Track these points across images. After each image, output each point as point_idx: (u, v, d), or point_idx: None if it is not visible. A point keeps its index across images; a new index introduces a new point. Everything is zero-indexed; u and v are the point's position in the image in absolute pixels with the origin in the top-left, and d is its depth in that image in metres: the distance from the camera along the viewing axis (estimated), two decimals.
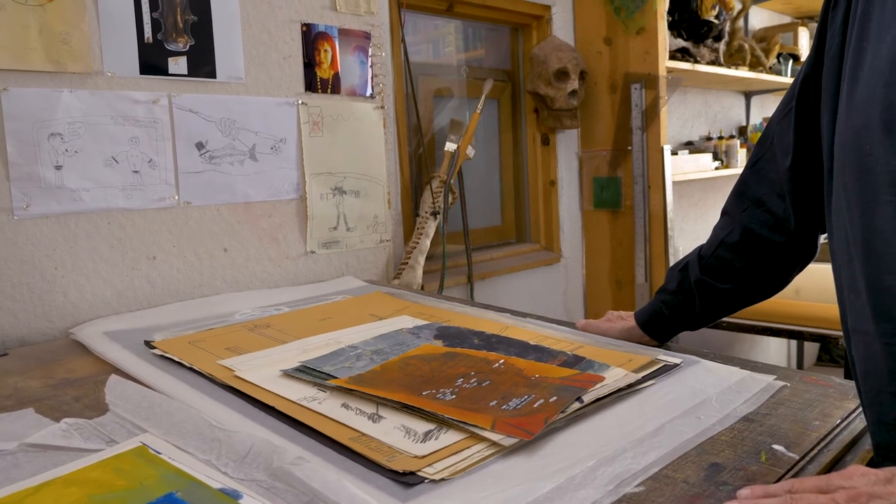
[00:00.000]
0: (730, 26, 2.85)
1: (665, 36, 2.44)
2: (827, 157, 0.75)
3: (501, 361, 0.99)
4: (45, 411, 0.91)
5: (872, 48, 0.67)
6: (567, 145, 2.63)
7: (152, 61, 1.48)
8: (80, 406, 0.94)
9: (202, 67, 1.56)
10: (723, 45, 2.81)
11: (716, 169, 2.91)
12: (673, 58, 2.54)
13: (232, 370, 1.02)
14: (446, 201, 2.05)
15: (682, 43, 2.65)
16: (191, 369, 1.05)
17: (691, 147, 3.04)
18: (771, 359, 3.73)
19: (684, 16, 2.67)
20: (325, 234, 1.82)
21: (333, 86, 1.81)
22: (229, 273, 1.65)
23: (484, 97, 2.15)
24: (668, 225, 2.45)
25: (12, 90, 1.30)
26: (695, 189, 3.16)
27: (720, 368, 0.98)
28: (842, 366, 3.79)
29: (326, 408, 0.86)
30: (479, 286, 2.27)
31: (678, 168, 2.61)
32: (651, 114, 2.44)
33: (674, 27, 2.66)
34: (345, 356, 1.05)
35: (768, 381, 0.93)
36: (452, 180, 2.07)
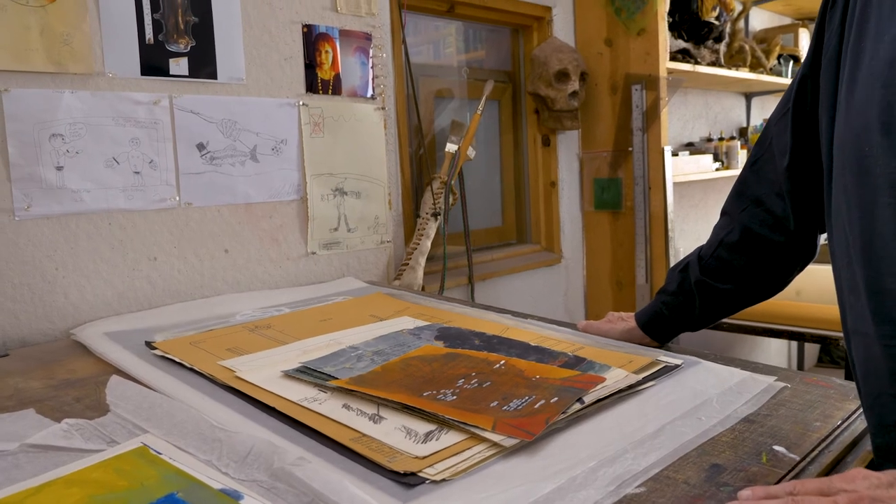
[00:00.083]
0: (730, 27, 2.86)
1: (666, 37, 2.44)
2: (826, 158, 0.75)
3: (502, 362, 0.99)
4: (46, 412, 0.91)
5: (870, 49, 0.67)
6: (568, 146, 2.63)
7: (153, 62, 1.48)
8: (80, 406, 0.94)
9: (203, 68, 1.56)
10: (723, 46, 2.81)
11: (716, 170, 2.91)
12: (673, 59, 2.54)
13: (233, 371, 1.02)
14: (447, 202, 2.05)
15: (682, 44, 2.66)
16: (191, 370, 1.05)
17: (692, 148, 3.05)
18: (771, 360, 3.73)
19: (685, 17, 2.67)
20: (325, 235, 1.82)
21: (334, 87, 1.82)
22: (230, 274, 1.65)
23: (485, 98, 2.16)
24: (669, 226, 2.45)
25: (13, 91, 1.31)
26: (695, 190, 3.16)
27: (721, 369, 0.98)
28: (842, 367, 3.79)
29: (327, 408, 0.86)
30: (480, 287, 2.27)
31: (679, 169, 2.61)
32: (652, 115, 2.44)
33: (674, 28, 2.66)
34: (345, 357, 1.05)
35: (769, 382, 0.93)
36: (453, 181, 2.07)
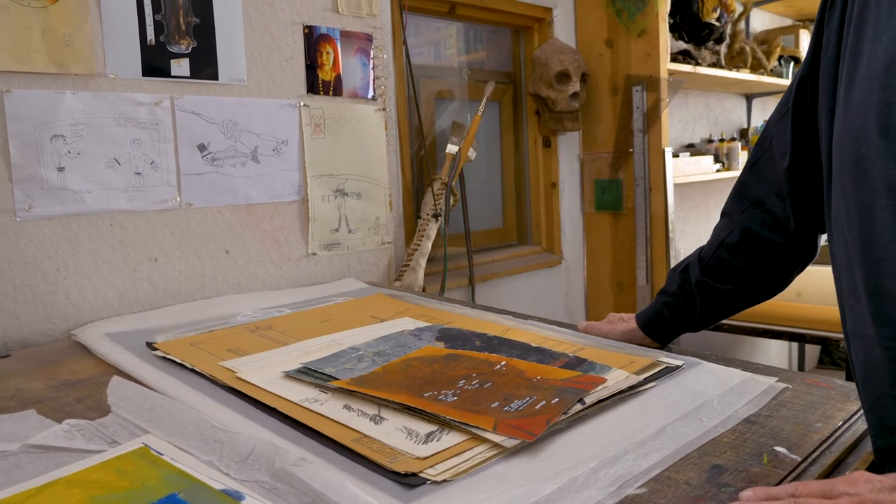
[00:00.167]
0: (731, 29, 2.86)
1: (666, 38, 2.44)
2: (826, 160, 0.75)
3: (503, 363, 0.99)
4: (47, 412, 0.91)
5: (868, 50, 0.67)
6: (568, 147, 2.63)
7: (155, 63, 1.49)
8: (82, 407, 0.94)
9: (204, 69, 1.57)
10: (724, 47, 2.81)
11: (717, 171, 2.91)
12: (674, 60, 2.54)
13: (234, 371, 1.02)
14: (447, 203, 2.05)
15: (683, 45, 2.66)
16: (192, 371, 1.05)
17: (692, 149, 3.05)
18: (772, 361, 3.73)
19: (685, 18, 2.67)
20: (326, 235, 1.82)
21: (335, 88, 1.82)
22: (231, 275, 1.65)
23: (485, 99, 2.16)
24: (670, 227, 2.45)
25: (15, 92, 1.31)
26: (696, 191, 3.16)
27: (722, 370, 0.98)
28: (843, 368, 3.79)
29: (328, 409, 0.86)
30: (481, 288, 2.27)
31: (679, 170, 2.61)
32: (652, 116, 2.44)
33: (675, 29, 2.66)
34: (346, 358, 1.05)
35: (770, 382, 0.93)
36: (454, 182, 2.07)
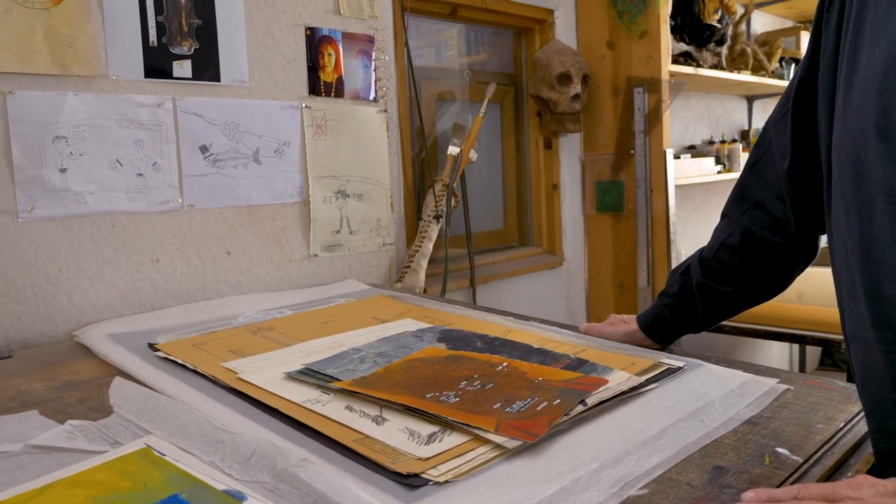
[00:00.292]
0: (732, 30, 2.86)
1: (668, 40, 2.44)
2: (825, 163, 0.75)
3: (505, 364, 0.99)
4: (49, 413, 0.92)
5: (866, 53, 0.66)
6: (570, 149, 2.64)
7: (157, 65, 1.49)
8: (84, 408, 0.94)
9: (206, 71, 1.57)
10: (725, 49, 2.81)
11: (718, 173, 2.92)
12: (675, 62, 2.54)
13: (235, 372, 1.03)
14: (449, 205, 2.05)
15: (684, 47, 2.66)
16: (194, 371, 1.06)
17: (694, 151, 3.05)
18: (773, 363, 3.73)
19: (687, 20, 2.67)
20: (328, 237, 1.82)
21: (337, 89, 1.82)
22: (232, 276, 1.65)
23: (487, 101, 2.16)
24: (671, 228, 2.45)
25: (18, 93, 1.31)
26: (697, 193, 3.16)
27: (723, 372, 0.98)
28: (844, 370, 3.78)
29: (330, 410, 0.86)
30: (482, 290, 2.27)
31: (681, 172, 2.61)
32: (653, 118, 2.44)
33: (676, 31, 2.66)
34: (348, 359, 1.05)
35: (771, 384, 0.93)
36: (455, 184, 2.08)
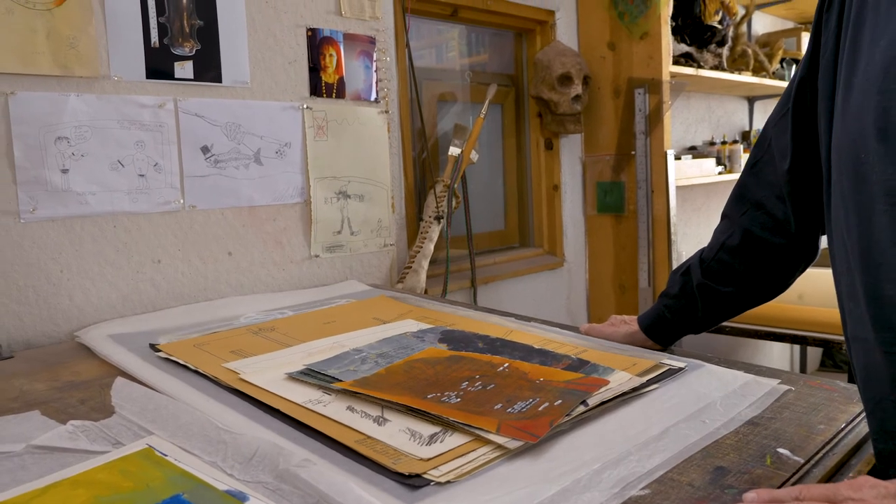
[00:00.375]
0: (733, 31, 2.86)
1: (668, 41, 2.44)
2: (825, 163, 0.75)
3: (506, 365, 0.99)
4: (51, 413, 0.92)
5: (866, 53, 0.66)
6: (570, 150, 2.64)
7: (159, 66, 1.49)
8: (85, 408, 0.94)
9: (208, 72, 1.57)
10: (726, 50, 2.81)
11: (719, 174, 2.92)
12: (676, 63, 2.54)
13: (237, 373, 1.03)
14: (450, 206, 2.05)
15: (685, 48, 2.66)
16: (196, 372, 1.06)
17: (694, 152, 3.05)
18: (774, 364, 3.72)
19: (688, 21, 2.67)
20: (329, 238, 1.83)
21: (338, 90, 1.82)
22: (234, 277, 1.65)
23: (488, 102, 2.16)
24: (672, 229, 2.45)
25: (20, 94, 1.31)
26: (698, 193, 3.16)
27: (724, 372, 0.98)
28: (845, 371, 3.78)
29: (332, 410, 0.86)
30: (483, 290, 2.27)
31: (681, 173, 2.61)
32: (654, 118, 2.44)
33: (677, 32, 2.66)
34: (349, 359, 1.05)
35: (773, 384, 0.93)
36: (456, 185, 2.08)
